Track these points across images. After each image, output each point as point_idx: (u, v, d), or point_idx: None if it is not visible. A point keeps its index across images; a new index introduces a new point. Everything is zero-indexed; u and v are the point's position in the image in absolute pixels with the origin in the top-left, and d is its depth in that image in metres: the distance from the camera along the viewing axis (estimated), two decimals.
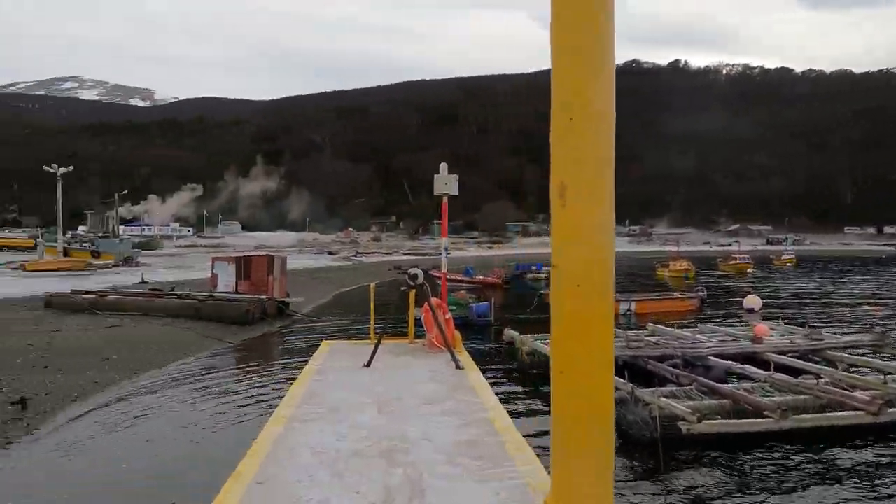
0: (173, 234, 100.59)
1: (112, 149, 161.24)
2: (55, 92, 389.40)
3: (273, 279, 23.54)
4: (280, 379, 13.54)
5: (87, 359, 14.33)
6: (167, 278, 31.60)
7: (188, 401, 11.70)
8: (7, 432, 9.30)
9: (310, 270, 42.07)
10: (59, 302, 21.34)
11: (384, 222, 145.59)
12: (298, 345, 17.99)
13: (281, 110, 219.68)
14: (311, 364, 6.08)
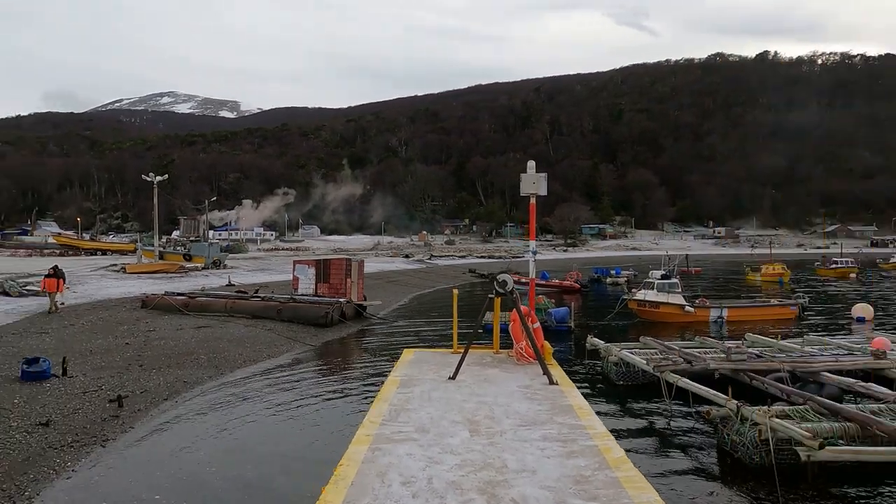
0: (257, 238, 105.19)
1: (202, 157, 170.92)
2: (154, 106, 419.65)
3: (351, 282, 23.81)
4: (361, 384, 13.49)
5: (178, 358, 14.89)
6: (251, 280, 32.84)
7: (272, 403, 11.81)
8: (105, 430, 9.67)
9: (385, 274, 42.55)
10: (154, 302, 22.50)
11: (457, 225, 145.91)
12: (377, 348, 17.99)
13: (358, 117, 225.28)
14: (394, 374, 5.79)
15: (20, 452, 8.46)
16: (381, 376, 13.65)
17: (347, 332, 20.68)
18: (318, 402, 11.94)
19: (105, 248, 60.34)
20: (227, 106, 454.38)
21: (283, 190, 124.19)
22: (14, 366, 12.19)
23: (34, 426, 9.43)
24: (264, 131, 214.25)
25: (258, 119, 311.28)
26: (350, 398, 12.09)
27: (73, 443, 9.03)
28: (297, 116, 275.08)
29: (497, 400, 4.73)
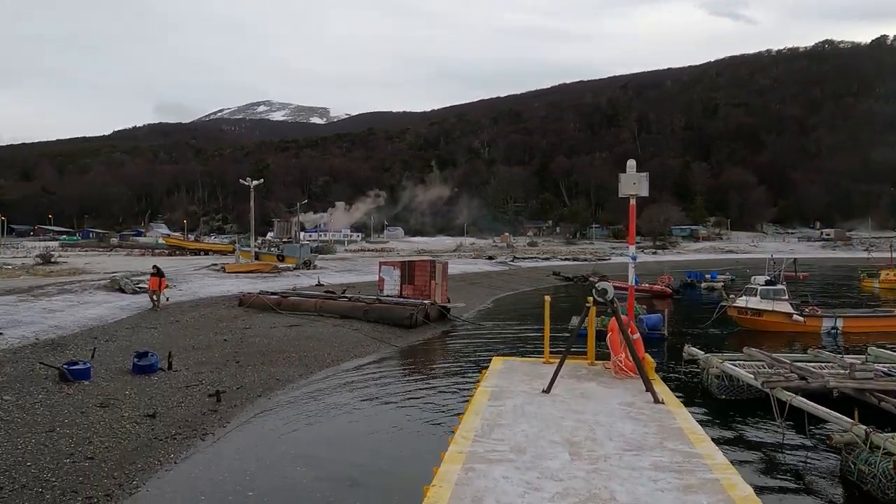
0: (345, 239, 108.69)
1: (294, 162, 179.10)
2: (251, 115, 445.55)
3: (435, 284, 23.87)
4: (447, 388, 13.40)
5: (272, 356, 15.45)
6: (339, 281, 33.80)
7: (359, 405, 11.94)
8: (204, 424, 10.12)
9: (468, 275, 42.49)
10: (250, 301, 23.60)
11: (540, 226, 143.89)
12: (461, 352, 17.88)
13: (441, 120, 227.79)
14: (484, 385, 5.55)
15: (130, 442, 8.99)
16: (467, 382, 13.50)
17: (432, 333, 20.72)
18: (405, 405, 11.95)
19: (207, 248, 64.46)
20: (317, 112, 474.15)
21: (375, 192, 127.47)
22: (127, 359, 13.08)
23: (142, 417, 10.02)
24: (352, 136, 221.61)
25: (346, 124, 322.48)
26: (436, 403, 12.00)
27: (175, 435, 9.50)
28: (383, 120, 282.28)
29: (597, 418, 4.37)
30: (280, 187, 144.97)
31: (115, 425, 9.52)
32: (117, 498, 7.29)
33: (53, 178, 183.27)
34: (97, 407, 10.23)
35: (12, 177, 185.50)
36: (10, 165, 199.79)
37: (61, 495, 7.13)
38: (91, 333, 15.68)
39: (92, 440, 8.82)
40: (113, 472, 7.93)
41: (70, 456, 8.20)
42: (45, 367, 11.71)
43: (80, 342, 14.54)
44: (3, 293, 20.18)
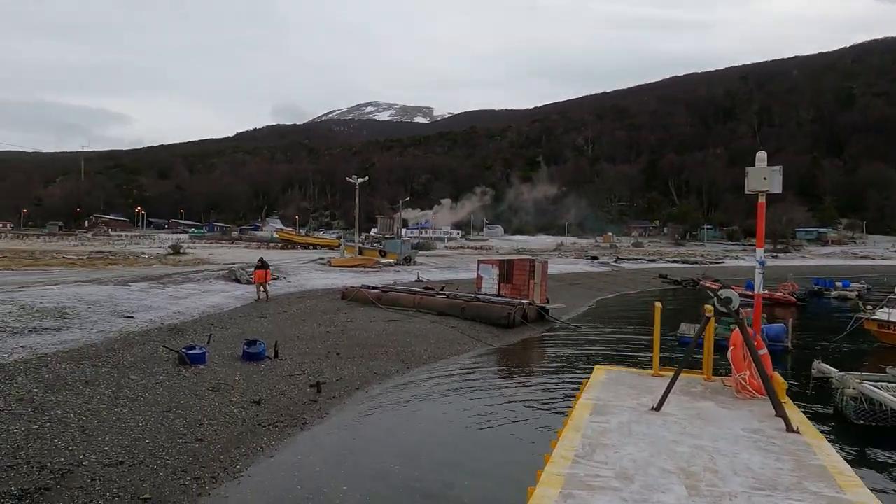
0: (444, 237, 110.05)
1: (398, 160, 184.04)
2: (359, 115, 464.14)
3: (534, 283, 23.32)
4: (545, 393, 12.94)
5: (370, 349, 15.73)
6: (438, 277, 34.09)
7: (454, 405, 11.80)
8: (305, 414, 10.40)
9: (568, 275, 41.34)
10: (352, 295, 24.33)
11: (646, 227, 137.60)
12: (561, 355, 17.26)
13: (544, 117, 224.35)
14: (586, 396, 5.12)
15: (236, 427, 9.40)
16: (566, 388, 12.96)
17: (530, 334, 20.24)
18: (501, 408, 11.64)
19: (316, 243, 67.76)
20: (421, 112, 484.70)
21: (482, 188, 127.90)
22: (238, 346, 13.82)
23: (249, 403, 10.47)
24: (454, 134, 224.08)
25: (449, 123, 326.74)
26: (533, 409, 11.57)
27: (277, 423, 9.83)
28: (485, 119, 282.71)
29: (718, 446, 3.81)
30: (384, 185, 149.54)
31: (224, 409, 10.01)
32: (222, 481, 7.60)
33: (185, 176, 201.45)
34: (210, 391, 10.84)
35: (152, 176, 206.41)
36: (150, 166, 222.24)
37: (173, 474, 7.54)
38: (208, 320, 16.78)
39: (203, 422, 9.31)
40: (219, 455, 8.31)
41: (183, 436, 8.69)
42: (167, 350, 12.61)
43: (198, 328, 15.58)
44: (139, 280, 22.17)
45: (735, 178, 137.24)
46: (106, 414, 9.05)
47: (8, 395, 9.02)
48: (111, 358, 11.71)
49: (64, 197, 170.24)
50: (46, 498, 6.53)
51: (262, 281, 22.22)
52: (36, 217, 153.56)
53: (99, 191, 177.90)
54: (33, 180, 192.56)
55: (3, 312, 13.45)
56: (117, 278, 22.10)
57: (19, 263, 33.23)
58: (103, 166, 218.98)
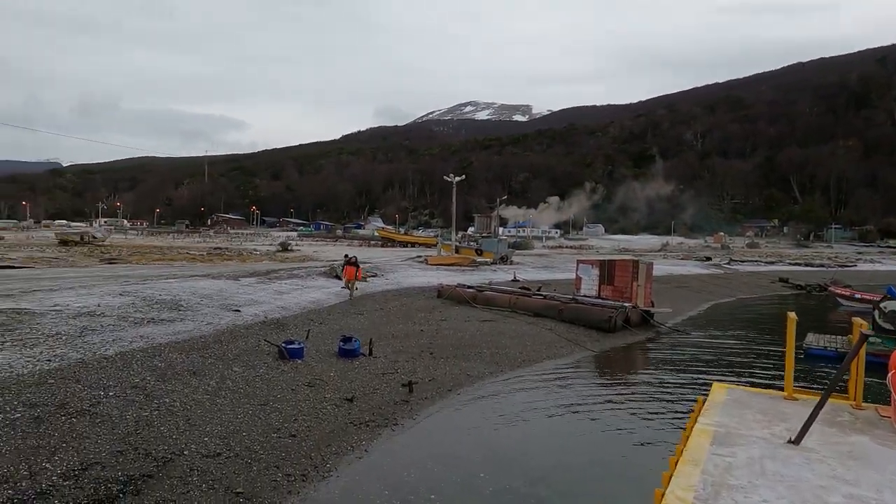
0: (542, 236, 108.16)
1: (496, 159, 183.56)
2: (458, 115, 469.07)
3: (637, 286, 22.00)
4: (650, 405, 11.98)
5: (464, 350, 15.43)
6: (535, 277, 33.27)
7: (550, 412, 11.19)
8: (396, 414, 10.25)
9: (675, 277, 38.90)
10: (448, 293, 24.21)
11: (763, 226, 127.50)
12: (667, 363, 16.04)
13: (648, 111, 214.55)
14: (704, 422, 4.40)
15: (328, 424, 9.41)
16: (674, 402, 11.91)
17: (632, 339, 19.05)
18: (601, 419, 10.88)
19: (414, 241, 68.96)
20: (519, 110, 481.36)
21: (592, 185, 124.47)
22: (334, 342, 14.02)
23: (342, 400, 10.49)
24: (552, 132, 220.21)
25: (547, 120, 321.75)
26: (636, 424, 10.68)
27: (369, 422, 9.74)
28: (585, 115, 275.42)
29: (884, 498, 3.04)
30: (482, 183, 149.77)
31: (318, 406, 10.08)
32: (311, 479, 7.56)
33: (295, 177, 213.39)
34: (305, 386, 11.00)
35: (266, 177, 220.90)
36: (264, 168, 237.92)
37: (265, 469, 7.59)
38: (308, 315, 17.25)
39: (297, 418, 9.40)
40: (311, 452, 8.30)
41: (277, 431, 8.80)
42: (268, 344, 13.01)
43: (298, 323, 16.04)
44: (248, 275, 23.37)
45: (871, 171, 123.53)
46: (208, 404, 9.37)
47: (125, 382, 9.59)
48: (217, 349, 12.24)
49: (190, 198, 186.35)
50: (148, 485, 6.75)
51: (352, 278, 22.20)
52: (167, 216, 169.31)
53: (220, 192, 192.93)
54: (165, 183, 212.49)
55: (127, 304, 14.52)
56: (229, 273, 23.42)
57: (149, 258, 36.42)
58: (224, 169, 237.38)
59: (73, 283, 18.14)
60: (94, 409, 8.43)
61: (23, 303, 13.38)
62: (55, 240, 50.55)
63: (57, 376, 9.27)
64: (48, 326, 11.59)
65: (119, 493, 6.47)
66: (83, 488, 6.40)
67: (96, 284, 17.63)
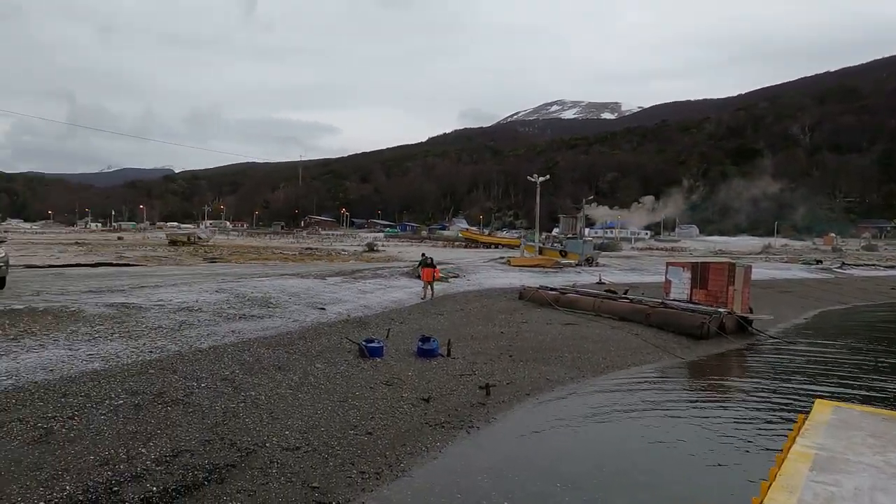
0: (632, 237, 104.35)
1: (583, 158, 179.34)
2: (544, 115, 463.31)
3: (734, 290, 20.62)
4: (747, 422, 11.12)
5: (544, 353, 15.07)
6: (622, 280, 32.07)
7: (636, 423, 10.65)
8: (472, 416, 10.13)
9: (778, 282, 36.18)
10: (530, 295, 23.82)
11: (882, 227, 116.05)
12: (765, 375, 14.86)
13: (749, 105, 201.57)
14: (803, 443, 3.93)
15: (404, 423, 9.45)
16: (771, 418, 10.99)
17: (727, 347, 17.84)
18: (687, 432, 10.21)
19: (497, 242, 68.71)
20: (608, 108, 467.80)
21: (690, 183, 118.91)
22: (413, 341, 14.12)
23: (419, 400, 10.52)
24: (643, 129, 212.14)
25: (638, 118, 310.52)
26: (728, 440, 9.93)
27: (444, 423, 9.68)
28: (679, 111, 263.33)
29: None
30: (567, 184, 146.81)
31: (395, 404, 10.16)
32: (385, 478, 7.59)
33: (383, 180, 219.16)
34: (383, 384, 11.13)
35: (355, 180, 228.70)
36: (354, 171, 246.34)
37: (341, 465, 7.72)
38: (389, 315, 17.54)
39: (374, 416, 9.52)
40: (385, 450, 8.36)
41: (354, 428, 8.94)
42: (349, 341, 13.33)
43: (380, 322, 16.33)
44: (334, 275, 24.17)
45: None
46: (291, 399, 9.69)
47: (216, 374, 10.12)
48: (302, 346, 12.68)
49: (286, 200, 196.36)
50: (231, 474, 7.04)
51: (430, 280, 21.59)
52: (264, 218, 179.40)
53: (313, 194, 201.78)
54: (263, 186, 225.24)
55: (222, 300, 15.40)
56: (316, 272, 24.32)
57: (246, 258, 38.62)
58: (317, 173, 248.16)
59: (177, 280, 19.52)
60: (187, 398, 8.95)
61: (132, 298, 14.54)
62: (166, 240, 54.87)
63: (157, 367, 9.95)
64: (152, 320, 12.50)
65: (204, 480, 6.79)
66: (172, 474, 6.78)
67: (196, 282, 18.86)
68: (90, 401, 8.29)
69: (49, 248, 44.50)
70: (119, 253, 38.93)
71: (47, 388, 8.49)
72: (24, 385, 8.46)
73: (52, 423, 7.51)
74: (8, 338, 10.30)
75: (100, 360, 9.79)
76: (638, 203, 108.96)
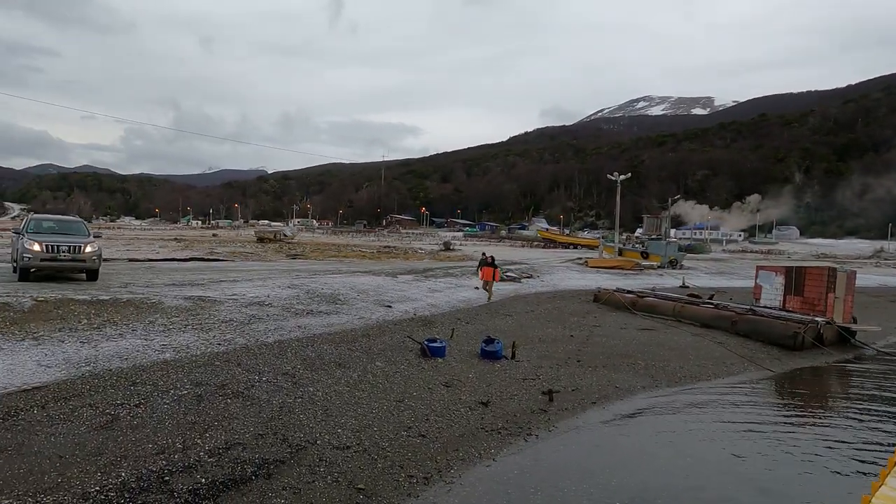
0: (723, 239, 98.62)
1: (671, 156, 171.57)
2: (631, 112, 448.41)
3: (834, 297, 18.77)
4: (840, 443, 9.97)
5: (616, 359, 14.33)
6: (708, 284, 30.23)
7: (712, 436, 9.80)
8: (531, 423, 9.69)
9: (890, 290, 32.77)
10: (605, 298, 22.89)
11: None
12: (867, 393, 13.33)
13: (860, 96, 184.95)
14: (894, 485, 3.30)
15: (459, 427, 9.18)
16: (872, 443, 9.77)
17: (824, 360, 16.24)
18: (773, 454, 9.25)
19: (576, 242, 67.01)
20: (699, 103, 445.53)
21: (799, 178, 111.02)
22: (478, 342, 13.83)
23: (476, 404, 10.22)
24: (738, 124, 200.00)
25: (732, 112, 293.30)
26: (812, 468, 8.91)
27: (501, 429, 9.33)
28: (780, 104, 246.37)
29: None
30: (654, 182, 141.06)
31: (452, 407, 9.92)
32: (433, 483, 7.36)
33: (463, 179, 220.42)
34: (442, 385, 10.93)
35: (436, 179, 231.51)
36: (434, 170, 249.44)
37: (389, 467, 7.56)
38: (456, 314, 17.35)
39: (429, 418, 9.32)
40: (437, 454, 8.12)
41: (408, 429, 8.77)
42: (412, 340, 13.24)
43: (445, 321, 16.17)
44: (406, 273, 24.33)
45: None
46: (347, 396, 9.68)
47: (278, 369, 10.31)
48: (364, 343, 12.73)
49: (369, 199, 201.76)
50: (279, 470, 7.06)
51: (490, 280, 20.53)
52: (348, 216, 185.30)
53: (394, 194, 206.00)
54: (347, 186, 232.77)
55: (292, 296, 15.80)
56: (388, 270, 24.58)
57: (326, 255, 39.83)
58: (398, 173, 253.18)
59: (255, 275, 20.31)
60: (247, 391, 9.14)
61: (209, 291, 15.21)
62: (254, 237, 57.75)
63: (223, 359, 10.27)
64: (224, 313, 12.98)
65: (252, 475, 6.84)
66: (223, 466, 6.88)
67: (272, 277, 19.53)
68: (157, 390, 8.65)
69: (151, 243, 48.01)
70: (211, 249, 41.30)
71: (120, 375, 8.94)
72: (99, 372, 8.95)
73: (120, 409, 7.87)
74: (91, 326, 11.00)
75: (171, 351, 10.23)
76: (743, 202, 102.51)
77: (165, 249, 40.38)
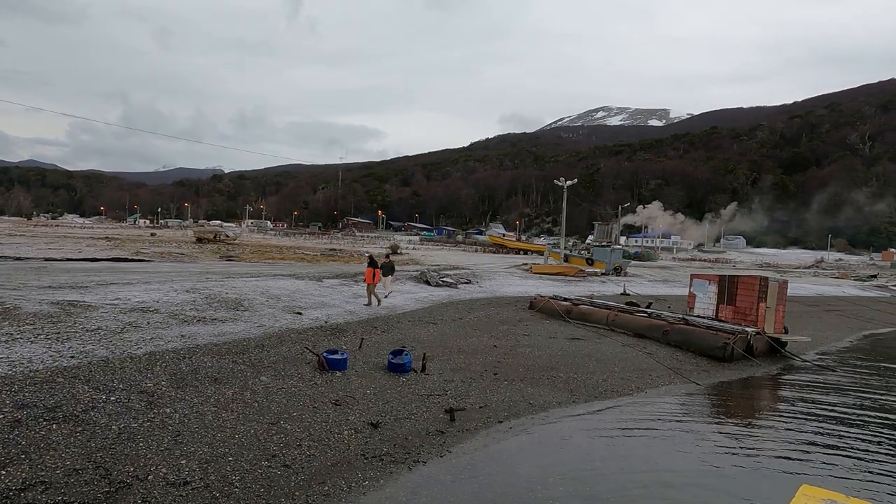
0: (673, 247, 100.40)
1: (626, 165, 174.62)
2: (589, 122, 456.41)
3: (766, 307, 18.44)
4: (781, 471, 9.26)
5: (536, 372, 13.47)
6: (649, 292, 29.96)
7: (615, 460, 8.94)
8: (421, 449, 8.63)
9: (824, 299, 33.27)
10: (540, 305, 22.13)
11: None
12: (795, 408, 12.80)
13: (805, 112, 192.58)
14: None
15: (335, 453, 8.05)
16: (782, 471, 9.08)
17: (753, 372, 15.78)
18: (670, 485, 8.46)
19: (526, 248, 66.72)
20: (655, 115, 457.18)
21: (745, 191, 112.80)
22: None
23: (365, 425, 9.12)
24: (691, 136, 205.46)
25: (686, 124, 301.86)
26: (741, 493, 8.15)
27: (385, 455, 8.25)
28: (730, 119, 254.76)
29: None
30: (609, 191, 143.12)
31: (335, 429, 8.80)
32: None
33: (423, 183, 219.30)
34: (332, 403, 9.79)
35: (395, 183, 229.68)
36: (394, 174, 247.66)
37: None
38: (374, 322, 16.19)
39: (303, 443, 8.17)
40: (296, 490, 6.98)
41: (271, 458, 7.60)
42: (310, 352, 12.04)
43: (359, 329, 15.00)
44: (334, 277, 23.03)
45: None
46: (210, 418, 8.44)
47: (135, 386, 8.98)
48: (254, 355, 11.47)
49: (325, 201, 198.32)
50: None
51: (372, 282, 17.68)
52: (304, 218, 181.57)
53: (352, 196, 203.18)
54: (304, 187, 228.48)
55: (187, 301, 14.37)
56: (315, 274, 23.24)
57: (264, 257, 38.06)
58: (358, 175, 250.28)
59: (160, 277, 18.70)
60: (84, 414, 7.80)
61: (88, 296, 13.65)
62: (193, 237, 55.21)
63: (69, 375, 8.87)
64: (94, 321, 11.51)
65: None
66: None
67: (178, 280, 17.98)
68: None
69: (79, 242, 45.15)
70: (140, 249, 38.99)
71: None
72: None
73: None
74: None
75: (5, 365, 8.77)
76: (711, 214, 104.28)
77: (91, 249, 37.91)
